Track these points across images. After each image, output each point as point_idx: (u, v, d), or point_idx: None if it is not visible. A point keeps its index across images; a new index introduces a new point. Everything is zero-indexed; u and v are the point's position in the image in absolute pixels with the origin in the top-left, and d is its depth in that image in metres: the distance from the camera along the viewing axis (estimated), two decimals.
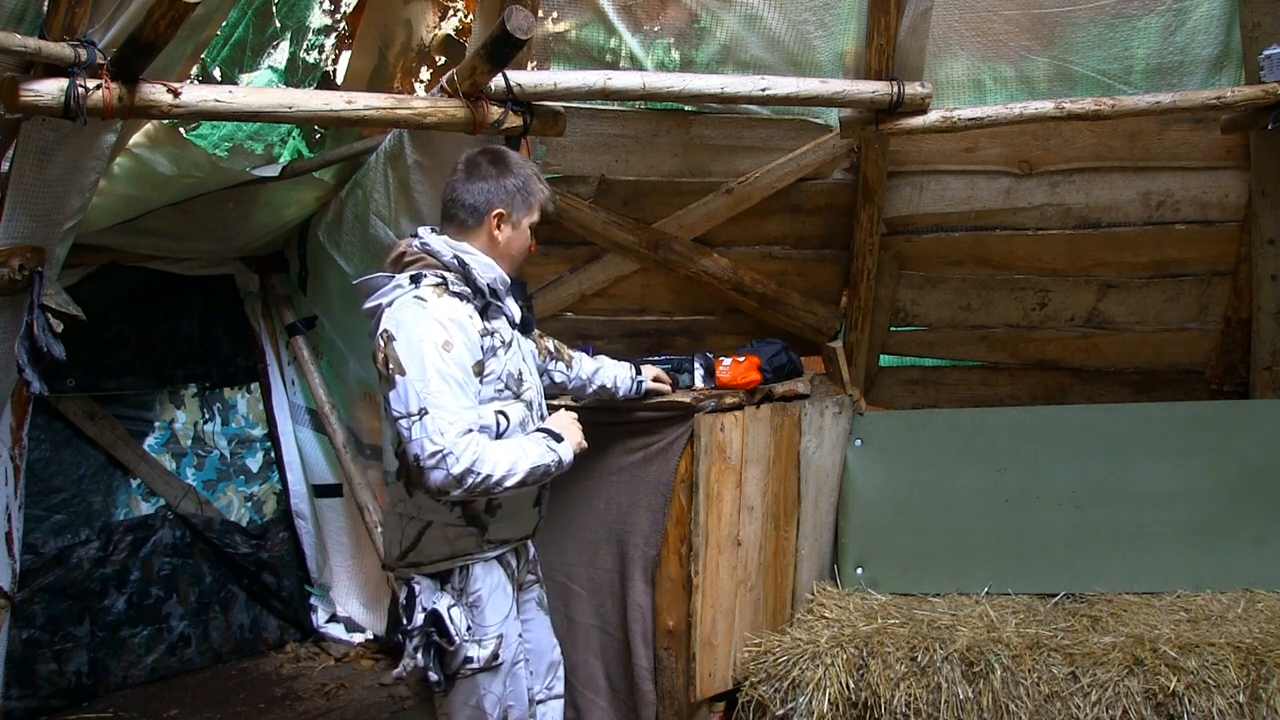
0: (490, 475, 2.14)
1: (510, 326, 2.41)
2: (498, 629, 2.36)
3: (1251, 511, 3.29)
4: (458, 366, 2.17)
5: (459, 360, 2.18)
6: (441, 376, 2.14)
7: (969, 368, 4.06)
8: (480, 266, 2.31)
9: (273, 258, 4.29)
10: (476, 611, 2.35)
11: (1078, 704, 2.75)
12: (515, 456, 2.19)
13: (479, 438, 2.16)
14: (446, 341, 2.17)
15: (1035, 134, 3.55)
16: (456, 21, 4.02)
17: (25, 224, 2.43)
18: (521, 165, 2.39)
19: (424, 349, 2.15)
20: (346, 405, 4.23)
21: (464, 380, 2.18)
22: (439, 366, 2.14)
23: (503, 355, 2.33)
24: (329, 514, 4.38)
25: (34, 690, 3.59)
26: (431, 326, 2.18)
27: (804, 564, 3.42)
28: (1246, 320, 3.70)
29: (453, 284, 2.27)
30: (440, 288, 2.25)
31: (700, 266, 3.71)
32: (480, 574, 2.36)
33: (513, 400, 2.37)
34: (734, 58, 3.33)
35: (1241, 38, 3.27)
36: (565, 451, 2.30)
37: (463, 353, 2.19)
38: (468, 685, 2.35)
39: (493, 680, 2.36)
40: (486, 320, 2.31)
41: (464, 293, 2.28)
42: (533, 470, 2.22)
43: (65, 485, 3.74)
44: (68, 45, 2.19)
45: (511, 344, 2.38)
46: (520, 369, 2.40)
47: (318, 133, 3.95)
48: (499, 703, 2.38)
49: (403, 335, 2.18)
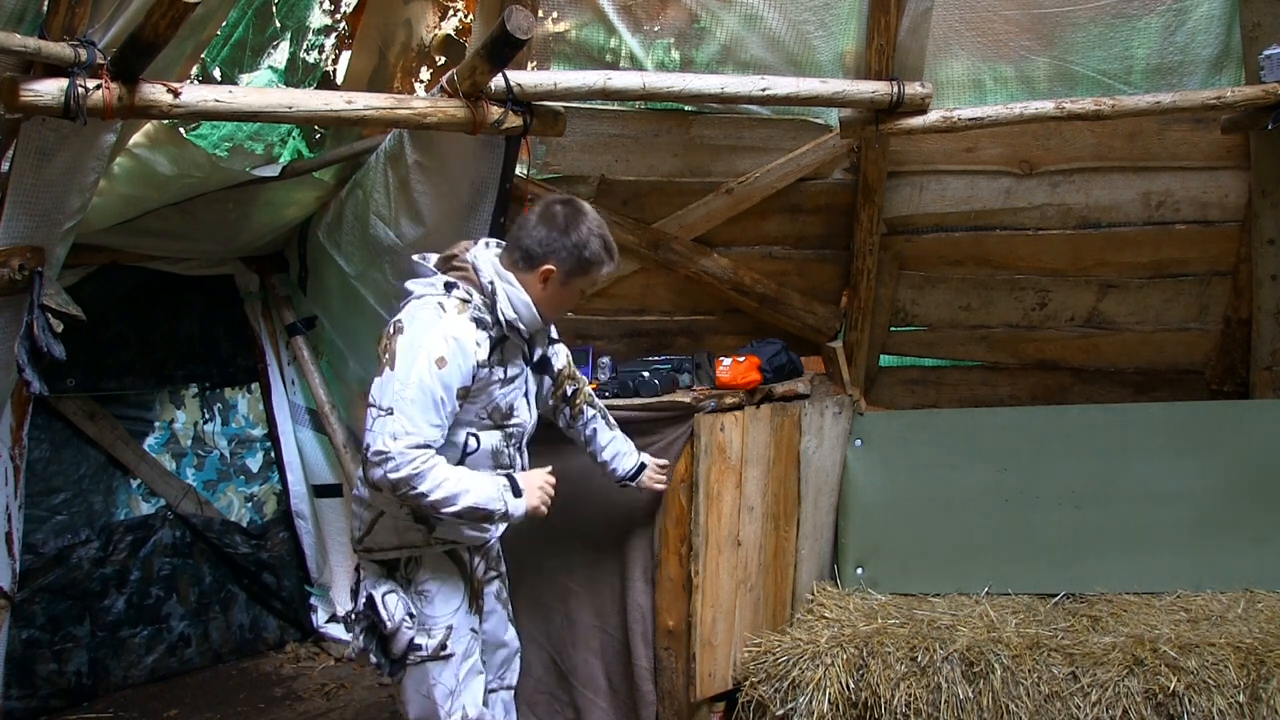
0: (425, 494, 2.20)
1: (525, 363, 2.48)
2: (447, 620, 2.43)
3: (1251, 511, 3.29)
4: (441, 385, 2.21)
5: (445, 379, 2.22)
6: (421, 387, 2.20)
7: (969, 368, 4.06)
8: (507, 302, 2.33)
9: (273, 258, 4.29)
10: (425, 601, 2.42)
11: (1078, 704, 2.75)
12: (460, 489, 2.24)
13: (433, 457, 2.22)
14: (442, 358, 2.22)
15: (1035, 134, 3.55)
16: (456, 21, 4.02)
17: (25, 224, 2.43)
18: (590, 228, 2.36)
19: (418, 355, 2.22)
20: (346, 405, 4.22)
21: (442, 399, 2.22)
22: (423, 377, 2.20)
23: (498, 390, 2.38)
24: (329, 514, 4.38)
25: (34, 690, 3.59)
26: (435, 338, 2.24)
27: (804, 564, 3.42)
28: (1246, 320, 3.70)
29: (476, 307, 2.32)
30: (464, 305, 2.31)
31: (700, 266, 3.71)
32: (429, 565, 2.44)
33: (491, 428, 2.43)
34: (734, 58, 3.33)
35: (1241, 38, 3.27)
36: (516, 507, 2.34)
37: (453, 373, 2.23)
38: (418, 673, 2.44)
39: (443, 670, 2.43)
40: (501, 353, 2.36)
41: (483, 319, 2.32)
42: (473, 508, 2.27)
43: (65, 485, 3.74)
44: (68, 45, 2.19)
45: (515, 380, 2.44)
46: (514, 404, 2.46)
47: (318, 133, 3.95)
48: (450, 695, 2.44)
49: (409, 333, 2.26)
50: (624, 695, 3.12)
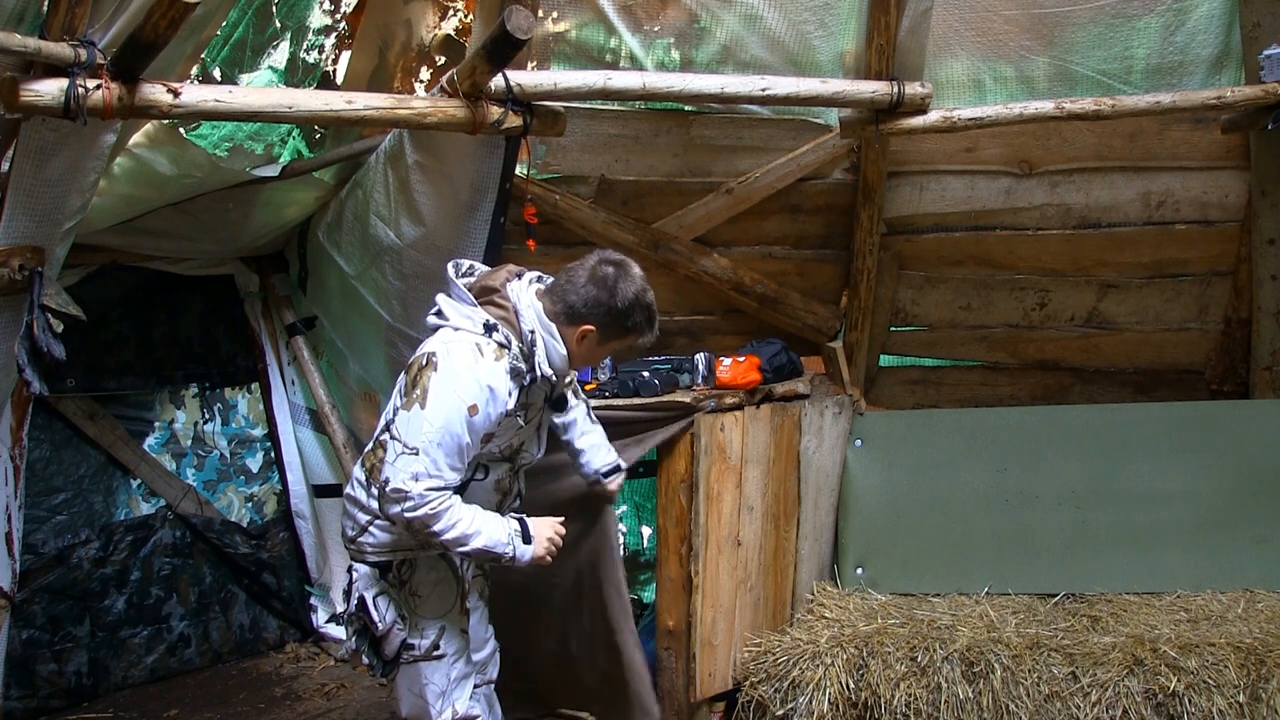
0: (439, 533, 2.25)
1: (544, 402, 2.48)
2: (439, 621, 2.46)
3: (1251, 511, 3.30)
4: (470, 433, 2.23)
5: (474, 427, 2.24)
6: (449, 433, 2.21)
7: (969, 368, 4.06)
8: (546, 356, 2.33)
9: (273, 258, 4.28)
10: (419, 603, 2.45)
11: (1078, 704, 2.75)
12: (472, 530, 2.27)
13: (450, 497, 2.25)
14: (474, 406, 2.22)
15: (1035, 134, 3.55)
16: (456, 21, 4.01)
17: (25, 224, 2.43)
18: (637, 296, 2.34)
19: (451, 400, 2.21)
20: (346, 405, 4.22)
21: (468, 445, 2.25)
22: (452, 424, 2.20)
23: (513, 432, 2.41)
24: (329, 514, 4.38)
25: (34, 690, 3.59)
26: (470, 385, 2.23)
27: (804, 564, 3.42)
28: (1246, 320, 3.70)
29: (514, 356, 2.29)
30: (503, 351, 2.28)
31: (700, 266, 3.71)
32: (422, 568, 2.46)
33: (500, 461, 2.47)
34: (734, 58, 3.33)
35: (1241, 38, 3.28)
36: (524, 553, 2.35)
37: (481, 422, 2.25)
38: (411, 673, 2.46)
39: (435, 671, 2.46)
40: (525, 397, 2.35)
41: (518, 369, 2.30)
42: (484, 550, 2.31)
43: (65, 485, 3.74)
44: (68, 45, 2.19)
45: (533, 419, 2.46)
46: (525, 441, 2.49)
47: (318, 133, 3.94)
48: (442, 695, 2.46)
49: (443, 372, 2.24)
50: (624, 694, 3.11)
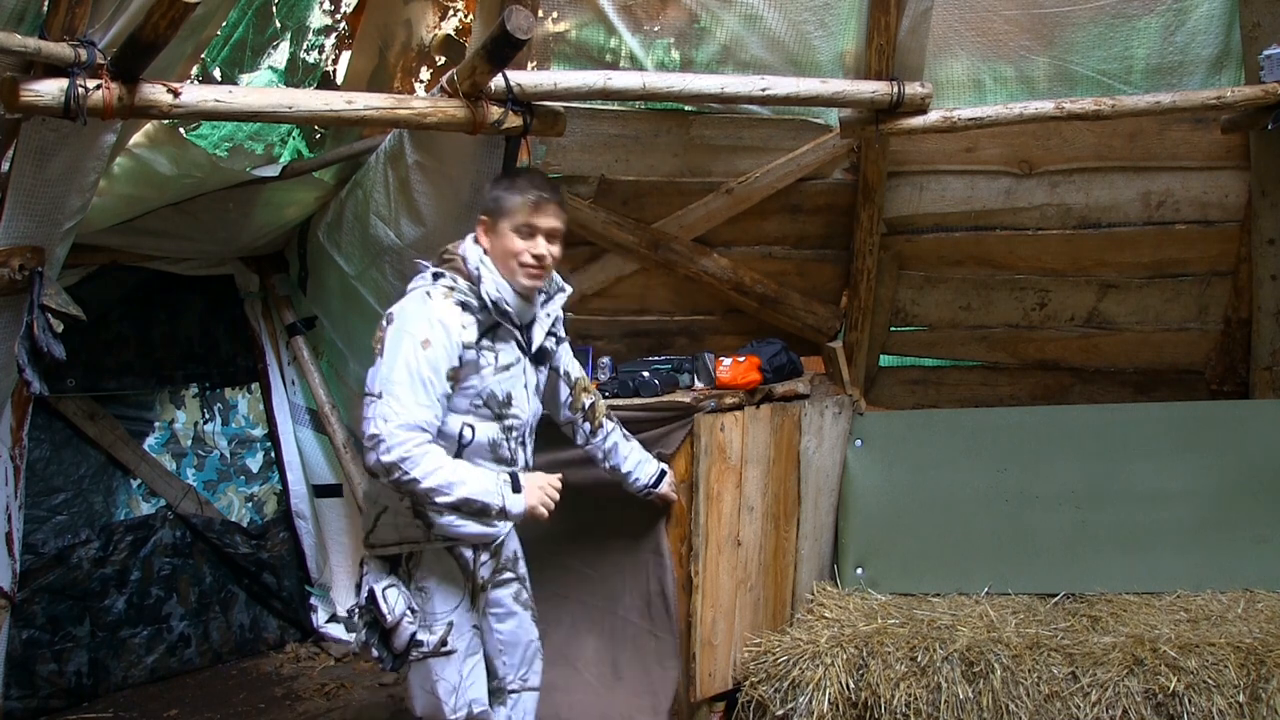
0: (418, 480, 2.23)
1: (522, 352, 2.48)
2: (446, 616, 2.45)
3: (1251, 511, 3.29)
4: (428, 366, 2.27)
5: (432, 360, 2.27)
6: (408, 369, 2.25)
7: (969, 368, 4.06)
8: (490, 282, 2.39)
9: (273, 258, 4.29)
10: (425, 598, 2.44)
11: (1078, 704, 2.75)
12: (455, 478, 2.27)
13: (427, 443, 2.25)
14: (426, 340, 2.28)
15: (1035, 134, 3.55)
16: (456, 21, 4.02)
17: (25, 224, 2.43)
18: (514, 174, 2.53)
19: (404, 341, 2.28)
20: (346, 405, 4.22)
21: (430, 379, 2.27)
22: (409, 360, 2.26)
23: (490, 375, 2.40)
24: (329, 514, 4.38)
25: (34, 690, 3.59)
26: (420, 323, 2.30)
27: (804, 564, 3.42)
28: (1246, 320, 3.70)
29: (460, 292, 2.37)
30: (449, 290, 2.37)
31: (700, 266, 3.71)
32: (429, 562, 2.45)
33: (489, 419, 2.43)
34: (734, 58, 3.33)
35: (1241, 38, 3.27)
36: (514, 503, 2.34)
37: (439, 354, 2.29)
38: (422, 669, 2.46)
39: (445, 667, 2.45)
40: (493, 339, 2.40)
41: (468, 303, 2.37)
42: (468, 500, 2.28)
43: (65, 485, 3.74)
44: (68, 45, 2.19)
45: (511, 368, 2.44)
46: (512, 393, 2.46)
47: (318, 133, 3.95)
48: (454, 691, 2.45)
49: (397, 322, 2.33)
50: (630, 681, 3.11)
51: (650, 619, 3.08)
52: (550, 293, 2.59)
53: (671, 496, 2.97)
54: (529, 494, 2.38)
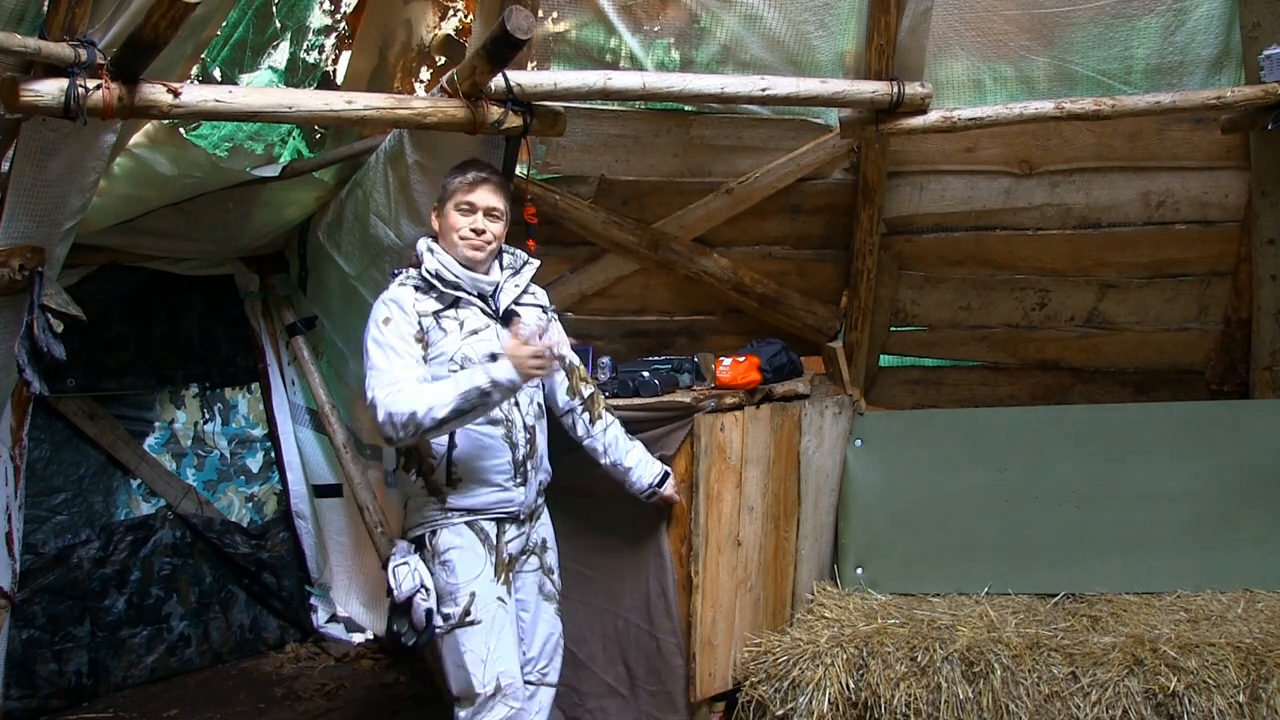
0: (414, 412, 2.38)
1: (490, 318, 2.63)
2: (469, 586, 2.54)
3: (1251, 511, 3.29)
4: (395, 335, 2.51)
5: (396, 331, 2.52)
6: (378, 345, 2.51)
7: (969, 368, 4.06)
8: (430, 260, 2.61)
9: (273, 258, 4.28)
10: (447, 571, 2.56)
11: (1078, 704, 2.75)
12: (439, 390, 2.41)
13: (405, 384, 2.44)
14: (386, 318, 2.54)
15: (1035, 134, 3.55)
16: (456, 21, 4.01)
17: (25, 224, 2.43)
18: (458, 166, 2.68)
19: (372, 327, 2.54)
20: (346, 405, 4.22)
21: (396, 345, 2.50)
22: (376, 338, 2.52)
23: (455, 338, 2.56)
24: (329, 514, 4.38)
25: (34, 690, 3.59)
26: (380, 308, 2.57)
27: (804, 564, 3.42)
28: (1246, 320, 3.70)
29: (407, 278, 2.63)
30: (403, 281, 2.63)
31: (700, 266, 3.71)
32: (448, 536, 2.58)
33: None
34: (734, 58, 3.33)
35: (1241, 38, 3.28)
36: (500, 371, 2.39)
37: (400, 325, 2.53)
38: (450, 642, 2.54)
39: (471, 637, 2.52)
40: (456, 309, 2.59)
41: (418, 285, 2.61)
42: (463, 395, 2.38)
43: (65, 485, 3.74)
44: (68, 45, 2.19)
45: (480, 332, 2.59)
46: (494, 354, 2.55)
47: (318, 133, 3.94)
48: (482, 663, 2.50)
49: (369, 320, 2.57)
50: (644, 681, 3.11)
51: (651, 620, 3.09)
52: (515, 266, 2.74)
53: (674, 498, 2.98)
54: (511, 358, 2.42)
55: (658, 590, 3.07)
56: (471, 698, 2.52)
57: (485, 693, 2.50)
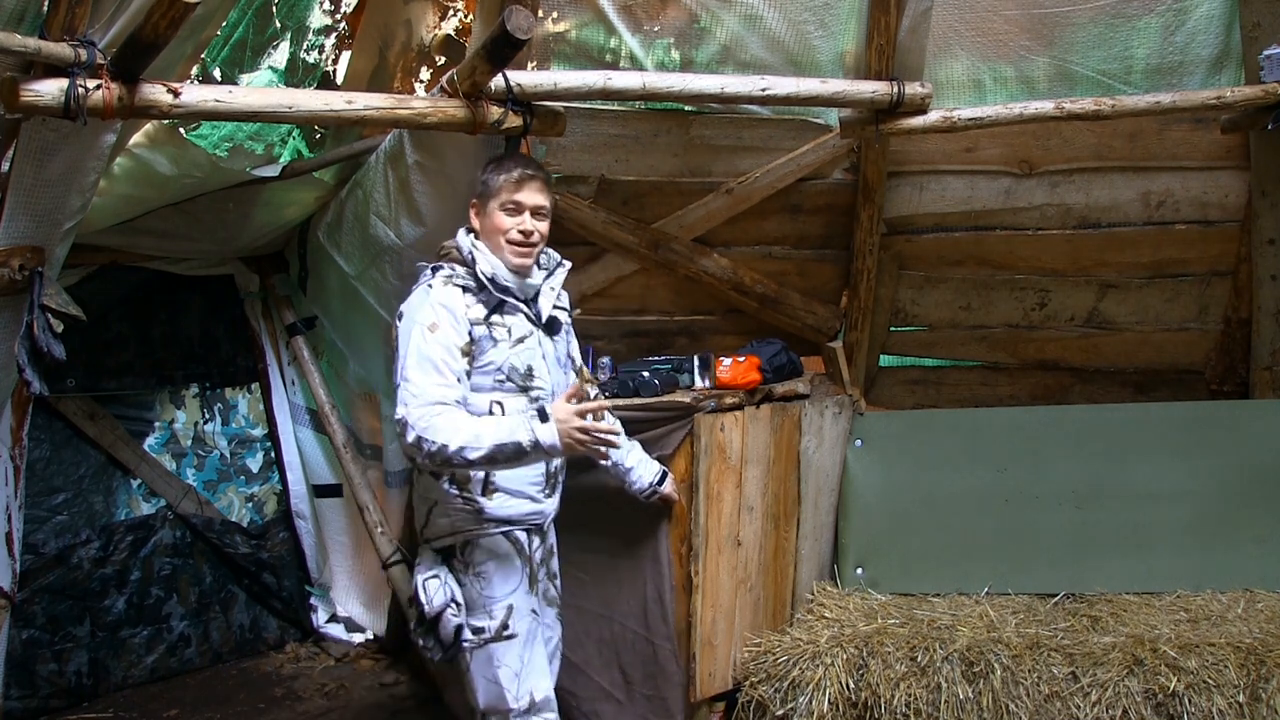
0: (445, 446, 2.24)
1: (533, 325, 2.53)
2: (506, 599, 2.46)
3: (1251, 511, 3.29)
4: (440, 346, 2.34)
5: (442, 341, 2.34)
6: (419, 354, 2.33)
7: (969, 368, 4.06)
8: (484, 261, 2.47)
9: (273, 258, 4.28)
10: (484, 583, 2.46)
11: (1078, 704, 2.75)
12: (478, 432, 2.26)
13: (444, 410, 2.29)
14: (433, 324, 2.36)
15: (1035, 134, 3.55)
16: (456, 21, 4.01)
17: (25, 224, 2.43)
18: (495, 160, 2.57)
19: (413, 330, 2.36)
20: (346, 405, 4.22)
21: (443, 359, 2.33)
22: (419, 346, 2.33)
23: (505, 347, 2.45)
24: (329, 514, 4.38)
25: (34, 690, 3.59)
26: (425, 310, 2.38)
27: (804, 564, 3.42)
28: (1246, 320, 3.70)
29: (458, 278, 2.46)
30: (447, 277, 2.45)
31: (700, 266, 3.71)
32: (485, 547, 2.47)
33: (515, 393, 2.47)
34: (734, 58, 3.33)
35: (1241, 38, 3.27)
36: (545, 433, 2.26)
37: (448, 334, 2.36)
38: (482, 656, 2.45)
39: (507, 652, 2.45)
40: (500, 315, 2.46)
41: (468, 285, 2.45)
42: (499, 446, 2.26)
43: (65, 485, 3.74)
44: (68, 45, 2.19)
45: (525, 340, 2.49)
46: (532, 365, 2.50)
47: (318, 133, 3.94)
48: (516, 677, 2.44)
49: (406, 317, 2.42)
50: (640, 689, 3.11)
51: (647, 626, 3.08)
52: (550, 268, 2.64)
53: (674, 497, 2.97)
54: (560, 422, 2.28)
55: (654, 595, 3.07)
56: (503, 713, 2.46)
57: (519, 708, 2.45)
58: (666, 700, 3.06)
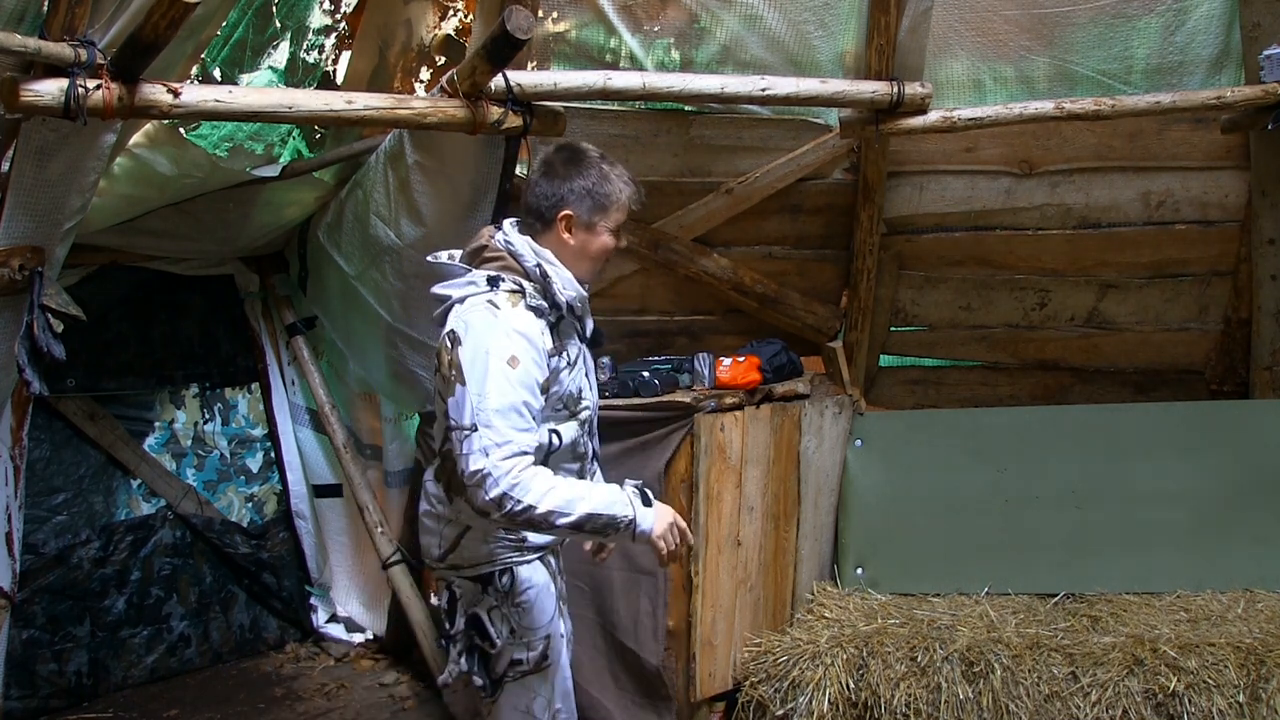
0: (533, 507, 1.99)
1: (580, 341, 2.32)
2: (545, 629, 2.29)
3: (1251, 511, 3.30)
4: (521, 386, 2.04)
5: (523, 379, 2.05)
6: (500, 394, 2.02)
7: (969, 368, 4.06)
8: (562, 281, 2.18)
9: (273, 258, 4.28)
10: (524, 613, 2.26)
11: (1078, 704, 2.75)
12: (573, 496, 2.04)
13: (531, 465, 2.03)
14: (513, 357, 2.05)
15: (1035, 134, 3.55)
16: (456, 21, 4.01)
17: (25, 224, 2.43)
18: (598, 162, 2.25)
19: (489, 362, 2.03)
20: (346, 405, 4.22)
21: (526, 401, 2.05)
22: (500, 384, 2.02)
23: (566, 376, 2.22)
24: (329, 514, 4.38)
25: (34, 690, 3.59)
26: (500, 339, 2.06)
27: (804, 564, 3.42)
28: (1246, 320, 3.70)
29: (530, 297, 2.14)
30: (517, 296, 2.13)
31: (700, 266, 3.71)
32: (526, 575, 2.27)
33: (568, 418, 2.28)
34: (734, 58, 3.33)
35: (1241, 38, 3.28)
36: (646, 520, 2.08)
37: (530, 370, 2.06)
38: (518, 689, 2.29)
39: (543, 683, 2.31)
40: (558, 336, 2.20)
41: (541, 307, 2.15)
42: (592, 516, 2.04)
43: (65, 485, 3.74)
44: (68, 45, 2.18)
45: (578, 362, 2.29)
46: (581, 386, 2.30)
47: (318, 133, 3.94)
48: (548, 707, 2.33)
49: (469, 341, 2.07)
50: (632, 694, 3.12)
51: (637, 640, 3.07)
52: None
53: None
54: (662, 517, 2.11)
55: (648, 609, 3.05)
56: None
57: None
58: (658, 710, 3.06)
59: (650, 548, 2.13)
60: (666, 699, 3.04)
